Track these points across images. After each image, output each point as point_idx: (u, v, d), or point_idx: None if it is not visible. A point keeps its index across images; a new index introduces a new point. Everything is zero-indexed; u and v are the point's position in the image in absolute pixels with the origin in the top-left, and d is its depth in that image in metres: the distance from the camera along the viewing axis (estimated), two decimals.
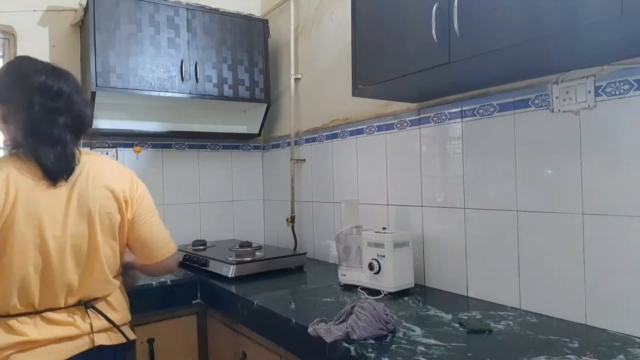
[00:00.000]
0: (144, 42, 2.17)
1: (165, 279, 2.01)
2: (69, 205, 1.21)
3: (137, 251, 1.44)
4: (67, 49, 2.32)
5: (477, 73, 1.39)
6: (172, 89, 2.25)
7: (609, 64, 1.24)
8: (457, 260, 1.67)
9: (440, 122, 1.74)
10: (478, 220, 1.60)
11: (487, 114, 1.57)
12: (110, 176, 1.33)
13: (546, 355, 1.09)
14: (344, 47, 2.17)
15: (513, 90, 1.49)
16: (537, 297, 1.42)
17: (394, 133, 1.95)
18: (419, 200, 1.83)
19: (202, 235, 2.69)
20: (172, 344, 1.99)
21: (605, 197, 1.25)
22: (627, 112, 1.21)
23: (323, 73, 2.37)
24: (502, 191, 1.52)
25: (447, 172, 1.71)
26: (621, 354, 1.08)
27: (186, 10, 2.30)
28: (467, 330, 1.25)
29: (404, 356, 1.10)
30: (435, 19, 1.26)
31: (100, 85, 2.05)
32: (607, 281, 1.25)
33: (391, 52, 1.46)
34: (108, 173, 1.33)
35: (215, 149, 2.78)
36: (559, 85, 1.36)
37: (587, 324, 1.29)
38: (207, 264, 2.12)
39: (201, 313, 2.06)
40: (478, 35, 1.18)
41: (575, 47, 1.13)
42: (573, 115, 1.33)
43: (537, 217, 1.42)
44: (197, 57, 2.32)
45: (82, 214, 1.24)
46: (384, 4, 1.49)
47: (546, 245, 1.40)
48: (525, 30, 1.07)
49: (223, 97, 2.41)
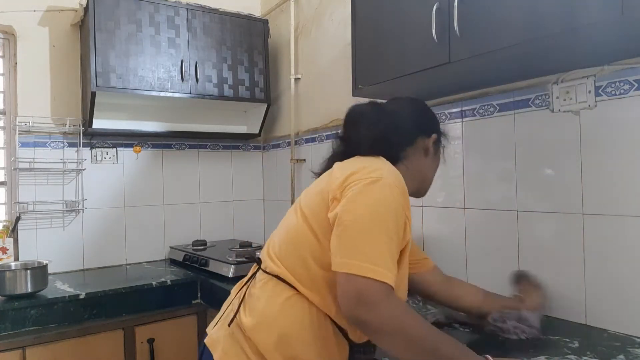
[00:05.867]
0: (144, 42, 2.17)
1: (165, 279, 2.01)
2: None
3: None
4: (67, 49, 2.32)
5: (477, 73, 1.39)
6: (172, 89, 2.25)
7: (609, 64, 1.24)
8: (457, 260, 1.67)
9: (440, 122, 1.73)
10: (478, 220, 1.60)
11: (487, 114, 1.57)
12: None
13: (546, 355, 1.08)
14: (344, 47, 2.17)
15: (513, 90, 1.49)
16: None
17: None
18: (419, 200, 1.83)
19: (202, 235, 2.69)
20: (172, 344, 1.99)
21: (605, 197, 1.25)
22: (627, 112, 1.21)
23: (323, 73, 2.37)
24: (502, 191, 1.52)
25: (447, 172, 1.71)
26: (621, 354, 1.08)
27: (186, 10, 2.30)
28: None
29: None
30: (435, 19, 1.26)
31: (100, 85, 2.05)
32: (607, 281, 1.25)
33: (391, 52, 1.46)
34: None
35: (215, 149, 2.78)
36: (559, 85, 1.36)
37: (587, 324, 1.29)
38: (207, 264, 2.12)
39: (201, 313, 2.06)
40: (478, 35, 1.17)
41: (575, 47, 1.13)
42: (573, 115, 1.33)
43: (537, 217, 1.42)
44: (197, 57, 2.32)
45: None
46: (384, 3, 1.49)
47: (546, 245, 1.40)
48: (525, 30, 1.07)
49: (223, 97, 2.41)
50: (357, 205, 0.85)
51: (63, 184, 2.30)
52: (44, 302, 1.74)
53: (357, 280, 0.80)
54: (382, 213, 0.85)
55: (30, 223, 2.21)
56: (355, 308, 0.80)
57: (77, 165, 2.31)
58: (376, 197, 0.86)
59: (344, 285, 0.82)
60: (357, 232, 0.83)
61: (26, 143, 2.21)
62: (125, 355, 1.89)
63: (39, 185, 2.23)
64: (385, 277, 0.81)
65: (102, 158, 2.41)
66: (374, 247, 0.82)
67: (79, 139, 2.31)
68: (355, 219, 0.84)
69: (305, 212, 0.97)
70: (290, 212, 1.06)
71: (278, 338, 0.90)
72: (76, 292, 1.83)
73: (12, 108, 2.26)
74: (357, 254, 0.82)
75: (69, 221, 2.31)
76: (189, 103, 2.44)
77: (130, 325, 1.91)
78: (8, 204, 2.26)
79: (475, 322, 1.28)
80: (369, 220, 0.84)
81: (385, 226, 0.84)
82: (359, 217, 0.84)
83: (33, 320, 1.71)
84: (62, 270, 2.26)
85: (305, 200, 1.01)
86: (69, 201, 2.30)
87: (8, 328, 1.67)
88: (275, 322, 0.92)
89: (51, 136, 2.27)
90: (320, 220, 0.92)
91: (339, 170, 0.96)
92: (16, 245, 2.19)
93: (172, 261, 2.47)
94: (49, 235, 2.26)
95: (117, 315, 1.87)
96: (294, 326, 0.91)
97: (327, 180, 0.96)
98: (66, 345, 1.76)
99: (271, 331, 0.91)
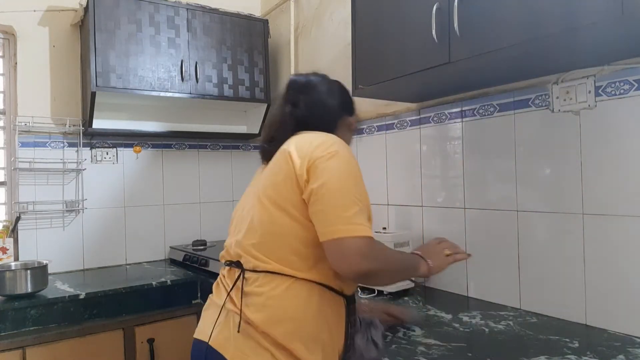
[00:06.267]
0: (144, 42, 2.17)
1: (165, 279, 2.02)
2: None
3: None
4: (67, 49, 2.32)
5: (477, 73, 1.39)
6: (172, 89, 2.25)
7: (609, 64, 1.24)
8: None
9: (441, 122, 1.74)
10: (478, 220, 1.60)
11: (487, 114, 1.57)
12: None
13: (546, 355, 1.09)
14: (344, 47, 2.17)
15: (513, 90, 1.49)
16: (537, 297, 1.42)
17: (394, 133, 1.95)
18: (419, 200, 1.83)
19: (202, 235, 2.69)
20: (172, 344, 1.99)
21: (605, 197, 1.25)
22: (627, 112, 1.21)
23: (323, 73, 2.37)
24: (502, 191, 1.52)
25: (447, 172, 1.71)
26: (621, 354, 1.08)
27: (186, 10, 2.30)
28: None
29: (404, 356, 1.10)
30: (435, 19, 1.26)
31: (100, 85, 2.05)
32: (607, 281, 1.25)
33: (391, 52, 1.46)
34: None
35: (215, 149, 2.78)
36: (559, 85, 1.36)
37: (587, 324, 1.29)
38: (207, 264, 2.12)
39: (201, 313, 2.06)
40: (478, 35, 1.17)
41: (575, 47, 1.13)
42: (573, 115, 1.33)
43: (537, 217, 1.42)
44: (197, 57, 2.32)
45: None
46: (384, 4, 1.49)
47: (546, 245, 1.40)
48: (525, 30, 1.07)
49: (223, 97, 2.41)
50: (326, 179, 0.96)
51: (63, 184, 2.30)
52: (44, 302, 1.74)
53: (346, 241, 0.92)
54: (347, 181, 0.97)
55: (30, 223, 2.21)
56: (354, 264, 0.92)
57: (77, 165, 2.31)
58: (339, 168, 0.97)
59: (336, 248, 0.93)
60: (333, 202, 0.94)
61: (26, 143, 2.21)
62: (125, 355, 1.89)
63: (39, 185, 2.23)
64: (366, 232, 0.93)
65: (102, 158, 2.41)
66: (349, 210, 0.94)
67: (79, 139, 2.31)
68: (328, 192, 0.95)
69: (278, 202, 1.02)
70: (253, 205, 1.08)
71: (293, 326, 0.97)
72: (76, 292, 1.83)
73: (12, 108, 2.25)
74: (338, 220, 0.93)
75: (69, 221, 2.31)
76: (189, 103, 2.44)
77: (130, 325, 1.91)
78: (8, 204, 2.26)
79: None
80: (339, 190, 0.95)
81: (353, 191, 0.96)
82: (331, 189, 0.95)
83: (33, 320, 1.71)
84: (62, 270, 2.27)
85: (270, 191, 1.04)
86: (69, 201, 2.30)
87: (8, 328, 1.67)
88: (285, 312, 0.98)
89: (51, 136, 2.27)
90: (296, 204, 1.00)
91: (295, 153, 1.03)
92: (16, 245, 2.19)
93: (172, 261, 2.47)
94: (49, 235, 2.26)
95: (117, 315, 1.87)
96: (302, 309, 0.98)
97: (287, 167, 1.02)
98: (66, 345, 1.76)
99: (284, 322, 0.97)
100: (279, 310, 0.97)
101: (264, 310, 0.98)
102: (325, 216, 0.94)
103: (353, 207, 0.94)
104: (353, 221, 0.93)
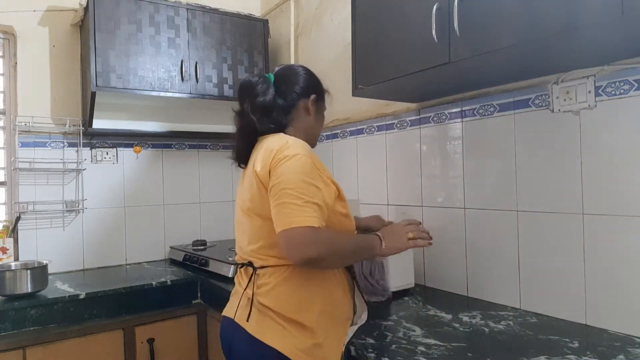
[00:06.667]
0: (144, 42, 2.17)
1: (165, 279, 2.02)
2: None
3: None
4: (67, 49, 2.32)
5: (477, 73, 1.39)
6: (172, 89, 2.25)
7: (609, 64, 1.24)
8: (457, 260, 1.67)
9: (440, 122, 1.74)
10: (478, 220, 1.60)
11: (487, 114, 1.57)
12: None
13: (546, 355, 1.09)
14: (344, 47, 2.17)
15: (513, 90, 1.49)
16: (537, 297, 1.42)
17: (394, 133, 1.95)
18: (419, 200, 1.83)
19: (202, 235, 2.69)
20: (172, 344, 1.99)
21: (605, 197, 1.25)
22: (627, 112, 1.21)
23: (323, 73, 2.34)
24: (502, 191, 1.52)
25: (447, 172, 1.71)
26: (621, 354, 1.08)
27: (186, 10, 2.30)
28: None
29: (404, 356, 1.10)
30: (435, 19, 1.26)
31: (100, 85, 2.05)
32: (607, 281, 1.25)
33: (391, 52, 1.46)
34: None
35: (215, 149, 2.78)
36: (559, 85, 1.36)
37: (587, 324, 1.29)
38: (207, 264, 2.12)
39: (201, 313, 2.06)
40: (478, 35, 1.17)
41: (575, 47, 1.13)
42: (573, 115, 1.33)
43: (537, 217, 1.42)
44: (197, 57, 2.32)
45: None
46: (384, 4, 1.49)
47: (546, 245, 1.40)
48: (525, 30, 1.07)
49: (223, 97, 2.41)
50: (279, 180, 1.06)
51: (63, 184, 2.30)
52: (44, 302, 1.74)
53: (289, 232, 1.01)
54: (295, 179, 1.05)
55: (30, 223, 2.21)
56: (299, 252, 1.01)
57: (77, 165, 2.32)
58: (291, 169, 1.07)
59: (284, 240, 1.02)
60: (282, 199, 1.04)
61: (26, 143, 2.21)
62: (125, 355, 1.89)
63: (39, 185, 2.23)
64: (307, 222, 1.01)
65: (102, 158, 2.41)
66: (293, 205, 1.03)
67: (79, 139, 2.31)
68: (278, 191, 1.05)
69: (257, 211, 1.15)
70: (242, 217, 1.23)
71: (299, 303, 1.10)
72: (76, 292, 1.83)
73: (12, 108, 2.25)
74: (285, 214, 1.03)
75: (69, 221, 2.31)
76: (189, 103, 2.44)
77: (130, 325, 1.91)
78: (8, 204, 2.26)
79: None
80: (286, 188, 1.04)
81: (302, 187, 1.04)
82: (280, 188, 1.05)
83: (33, 320, 1.71)
84: (62, 270, 2.27)
85: (249, 204, 1.18)
86: (69, 201, 2.30)
87: (8, 328, 1.67)
88: (291, 294, 1.11)
89: (51, 136, 2.27)
90: (268, 208, 1.10)
91: (259, 163, 1.14)
92: (16, 245, 2.19)
93: (172, 261, 2.47)
94: (49, 235, 2.26)
95: (117, 315, 1.87)
96: (304, 289, 1.11)
97: (256, 181, 1.14)
98: (66, 345, 1.76)
99: (291, 301, 1.10)
100: (285, 294, 1.11)
101: (273, 295, 1.11)
102: (276, 212, 1.05)
103: (297, 201, 1.03)
104: (296, 214, 1.01)
